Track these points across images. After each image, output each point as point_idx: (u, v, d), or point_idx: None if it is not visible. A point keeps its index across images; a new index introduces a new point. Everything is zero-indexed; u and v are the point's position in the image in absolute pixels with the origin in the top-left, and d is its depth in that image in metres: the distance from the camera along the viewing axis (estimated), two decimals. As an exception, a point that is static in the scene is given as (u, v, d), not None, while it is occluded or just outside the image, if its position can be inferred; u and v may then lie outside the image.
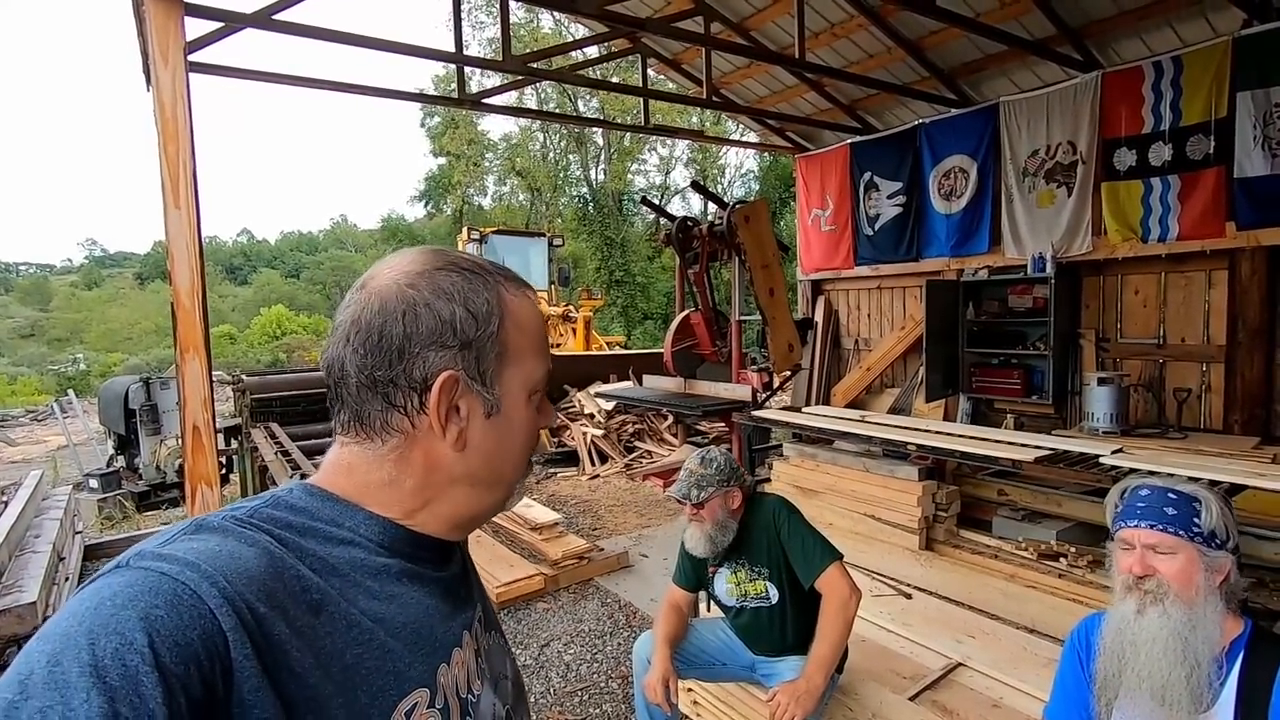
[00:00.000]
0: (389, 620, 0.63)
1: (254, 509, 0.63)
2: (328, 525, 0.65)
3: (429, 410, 0.65)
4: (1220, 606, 1.31)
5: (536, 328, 0.73)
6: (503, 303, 0.69)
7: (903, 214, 6.96)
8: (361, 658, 0.60)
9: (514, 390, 0.70)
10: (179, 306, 3.31)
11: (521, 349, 0.70)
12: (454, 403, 0.66)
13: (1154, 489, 1.40)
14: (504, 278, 0.72)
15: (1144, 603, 1.32)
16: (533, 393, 0.72)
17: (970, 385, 6.28)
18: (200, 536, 0.57)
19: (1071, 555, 3.71)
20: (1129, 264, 5.53)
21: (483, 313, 0.67)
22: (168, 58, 3.31)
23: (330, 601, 0.60)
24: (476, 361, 0.67)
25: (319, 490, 0.68)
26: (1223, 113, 4.78)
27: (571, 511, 5.78)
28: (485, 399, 0.68)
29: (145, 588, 0.50)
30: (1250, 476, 2.76)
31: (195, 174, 3.37)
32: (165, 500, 6.59)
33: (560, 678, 3.23)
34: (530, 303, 0.73)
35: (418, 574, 0.69)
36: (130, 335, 32.06)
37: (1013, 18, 5.37)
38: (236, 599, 0.52)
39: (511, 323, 0.69)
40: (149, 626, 0.48)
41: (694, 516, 2.22)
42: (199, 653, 0.49)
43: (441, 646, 0.68)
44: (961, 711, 2.47)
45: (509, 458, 0.72)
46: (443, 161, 26.59)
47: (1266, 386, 4.91)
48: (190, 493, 3.32)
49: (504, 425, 0.70)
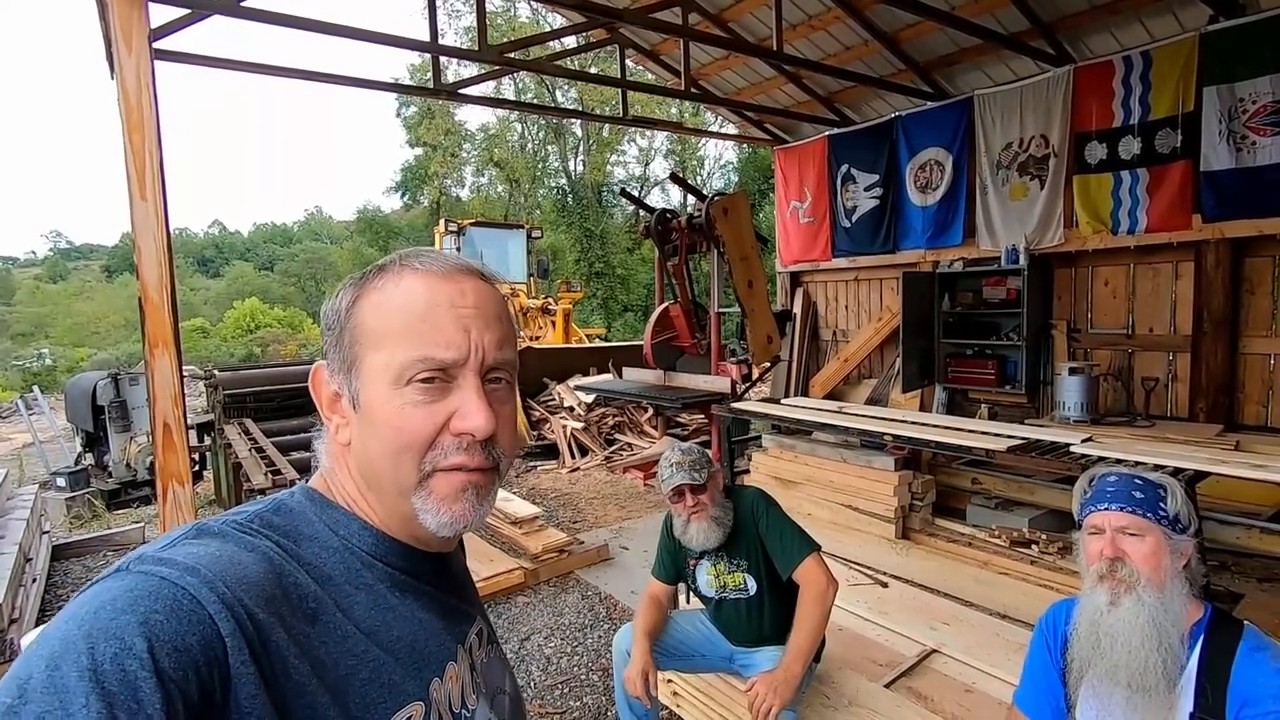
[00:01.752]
0: (383, 633, 0.63)
1: (255, 514, 0.63)
2: (326, 532, 0.65)
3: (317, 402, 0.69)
4: (1186, 589, 1.35)
5: (414, 306, 0.64)
6: (365, 286, 0.66)
7: (880, 206, 7.02)
8: (355, 668, 0.59)
9: (372, 380, 0.64)
10: (146, 301, 3.23)
11: (384, 334, 0.64)
12: (334, 395, 0.68)
13: (1121, 475, 1.44)
14: (406, 263, 0.67)
15: (1117, 592, 1.34)
16: (401, 379, 0.63)
17: (946, 376, 6.37)
18: (201, 541, 0.57)
19: (1043, 542, 3.79)
20: (1099, 256, 5.63)
21: (344, 302, 0.67)
22: (131, 45, 3.22)
23: (326, 611, 0.60)
24: (335, 348, 0.67)
25: (319, 496, 0.68)
26: (1190, 107, 4.87)
27: (552, 505, 5.78)
28: (347, 392, 0.67)
29: (145, 592, 0.50)
30: (1214, 463, 2.84)
31: (162, 165, 3.29)
32: (136, 498, 6.45)
33: (541, 671, 3.23)
34: (420, 280, 0.65)
35: (412, 586, 0.68)
36: (97, 330, 31.30)
37: (987, 11, 5.42)
38: (236, 605, 0.52)
39: (369, 304, 0.65)
40: (148, 631, 0.48)
41: (695, 507, 2.17)
42: (198, 658, 0.49)
43: (435, 661, 0.68)
44: (936, 697, 2.52)
45: (379, 457, 0.64)
46: (419, 152, 26.27)
47: (1229, 375, 5.05)
48: (162, 491, 3.25)
49: (366, 420, 0.65)
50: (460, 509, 0.65)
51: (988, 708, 2.43)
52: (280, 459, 4.40)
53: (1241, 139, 4.66)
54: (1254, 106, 4.59)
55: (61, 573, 4.63)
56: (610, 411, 7.88)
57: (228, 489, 5.38)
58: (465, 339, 0.64)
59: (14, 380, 21.09)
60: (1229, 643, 1.31)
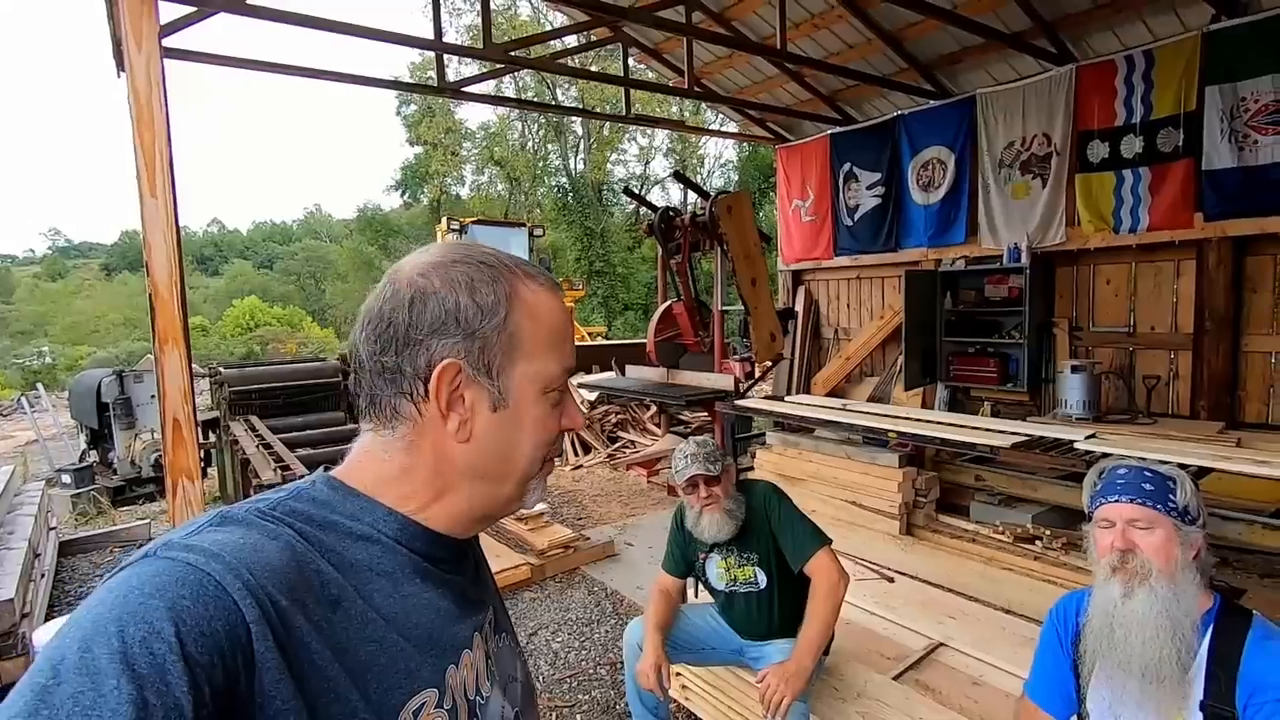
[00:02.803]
0: (402, 619, 0.64)
1: (277, 501, 0.64)
2: (348, 520, 0.66)
3: (431, 398, 0.66)
4: (1196, 579, 1.36)
5: (555, 323, 0.72)
6: (513, 295, 0.68)
7: (882, 204, 7.04)
8: (374, 655, 0.61)
9: (523, 385, 0.69)
10: (157, 297, 3.25)
11: (535, 343, 0.69)
12: (457, 393, 0.67)
13: (1131, 468, 1.45)
14: (524, 271, 0.71)
15: (1130, 585, 1.35)
16: (547, 389, 0.71)
17: (948, 373, 6.40)
18: (225, 529, 0.59)
19: (1047, 537, 3.81)
20: (1101, 254, 5.66)
21: (489, 304, 0.67)
22: (141, 43, 3.23)
23: (347, 597, 0.61)
24: (481, 352, 0.67)
25: (340, 484, 0.68)
26: (1192, 106, 4.90)
27: (556, 502, 5.80)
28: (490, 391, 0.67)
29: (172, 578, 0.51)
30: (1216, 460, 2.87)
31: (171, 162, 3.30)
32: (141, 495, 6.47)
33: (549, 665, 3.25)
34: (551, 297, 0.72)
35: (432, 573, 0.70)
36: (97, 328, 31.22)
37: (990, 10, 5.44)
38: (259, 591, 0.54)
39: (523, 315, 0.68)
40: (175, 616, 0.49)
41: (708, 499, 2.18)
42: (223, 643, 0.51)
43: (451, 648, 0.69)
44: (943, 689, 2.54)
45: (517, 454, 0.71)
46: (419, 150, 26.27)
47: (1231, 373, 5.08)
48: (171, 486, 3.27)
49: (511, 420, 0.69)
50: (545, 489, 0.78)
51: (995, 700, 2.45)
52: (288, 455, 4.41)
53: (1243, 138, 4.68)
54: (1256, 105, 4.62)
55: (69, 569, 4.65)
56: (613, 409, 7.91)
57: (234, 485, 5.39)
58: (573, 354, 0.76)
59: (14, 378, 21.08)
60: (1238, 631, 1.33)
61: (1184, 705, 1.32)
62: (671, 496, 5.61)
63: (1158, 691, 1.32)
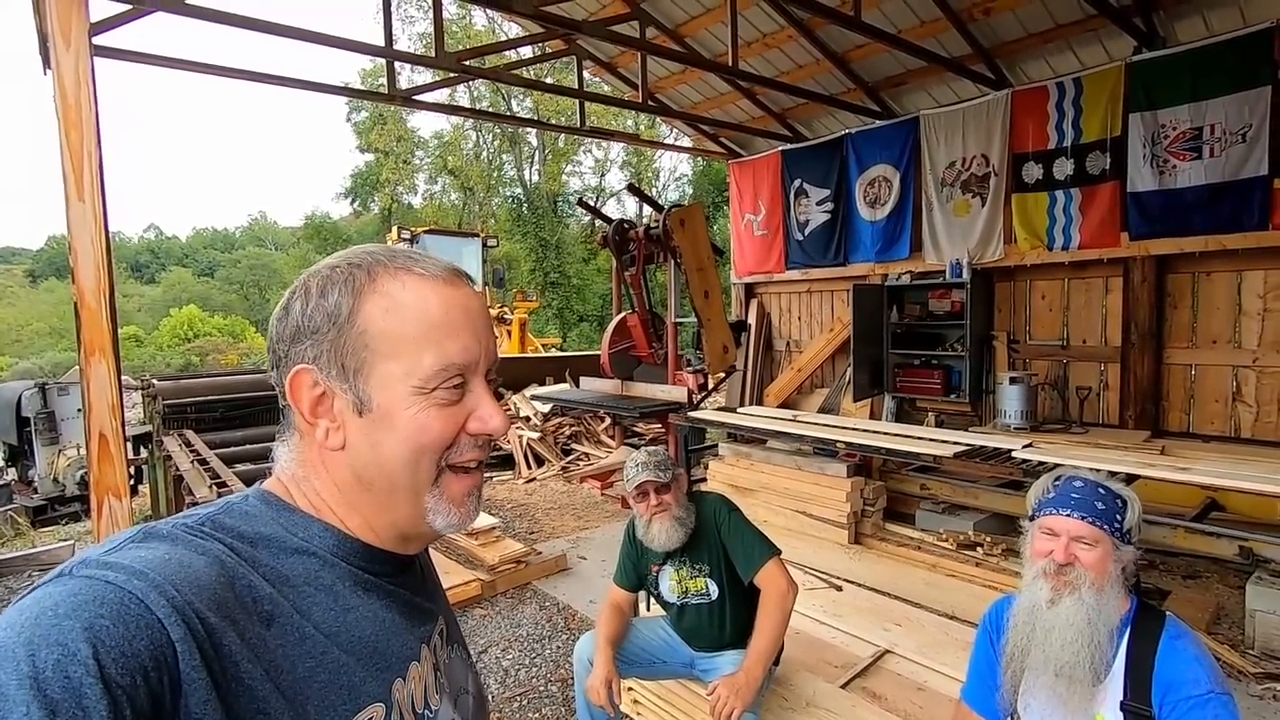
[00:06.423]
0: (343, 634, 0.62)
1: (206, 516, 0.62)
2: (284, 533, 0.64)
3: (294, 407, 0.66)
4: (1120, 590, 1.42)
5: (429, 314, 0.65)
6: (369, 292, 0.64)
7: (831, 220, 7.22)
8: (314, 671, 0.59)
9: (389, 384, 0.64)
10: (83, 306, 3.09)
11: (399, 339, 0.64)
12: (324, 400, 0.65)
13: (1087, 482, 1.47)
14: (399, 266, 0.66)
15: (1060, 591, 1.40)
16: (424, 387, 0.64)
17: (894, 385, 6.57)
18: (149, 545, 0.56)
19: (987, 544, 3.94)
20: (1036, 270, 5.92)
21: (333, 304, 0.64)
22: (70, 40, 3.09)
23: (283, 613, 0.59)
24: (331, 355, 0.64)
25: (274, 498, 0.67)
26: (1117, 131, 5.19)
27: (508, 515, 5.71)
28: (351, 396, 0.64)
29: (89, 597, 0.48)
30: (1142, 467, 3.02)
31: (101, 165, 3.16)
32: (64, 515, 6.12)
33: (499, 684, 3.19)
34: (428, 286, 0.66)
35: (375, 585, 0.68)
36: (20, 338, 29.53)
37: (931, 36, 5.67)
38: (186, 609, 0.51)
39: (380, 311, 0.64)
40: (93, 637, 0.46)
41: (658, 507, 2.19)
42: (145, 664, 0.48)
43: (398, 660, 0.67)
44: (890, 696, 2.59)
45: (393, 461, 0.65)
46: (370, 158, 25.78)
47: (1156, 384, 5.36)
48: (97, 505, 3.09)
49: (380, 423, 0.65)
50: (465, 510, 0.70)
51: (939, 704, 2.51)
52: (225, 471, 4.23)
53: (1163, 163, 4.97)
54: (1174, 133, 4.91)
55: (-19, 595, 4.35)
56: (567, 421, 7.85)
57: (167, 503, 5.14)
58: (477, 344, 0.67)
59: (-75, 391, 19.71)
60: (1153, 633, 1.39)
61: (1097, 705, 1.38)
62: (625, 509, 5.58)
63: (1068, 691, 1.38)
